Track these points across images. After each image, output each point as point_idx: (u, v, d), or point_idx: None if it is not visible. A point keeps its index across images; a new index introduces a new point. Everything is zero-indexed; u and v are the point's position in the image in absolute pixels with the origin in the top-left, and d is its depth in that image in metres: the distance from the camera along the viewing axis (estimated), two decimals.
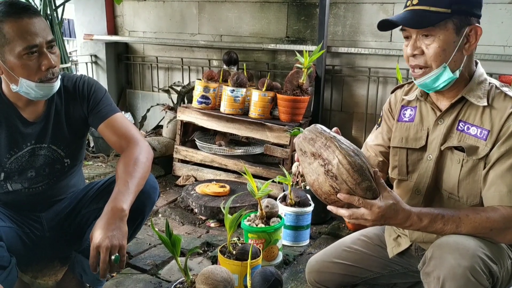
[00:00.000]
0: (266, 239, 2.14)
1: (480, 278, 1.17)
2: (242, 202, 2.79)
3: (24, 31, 1.47)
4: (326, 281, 1.63)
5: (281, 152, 3.11)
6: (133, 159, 1.63)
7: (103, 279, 1.50)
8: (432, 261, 1.24)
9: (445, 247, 1.23)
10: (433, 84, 1.36)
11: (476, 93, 1.36)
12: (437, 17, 1.28)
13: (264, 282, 1.55)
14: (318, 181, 1.25)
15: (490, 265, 1.20)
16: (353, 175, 1.20)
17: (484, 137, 1.33)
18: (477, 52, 2.87)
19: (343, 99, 3.58)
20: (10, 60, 1.50)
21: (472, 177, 1.36)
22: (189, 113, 3.41)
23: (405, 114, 1.55)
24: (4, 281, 1.52)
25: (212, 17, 4.01)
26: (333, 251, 1.68)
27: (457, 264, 1.17)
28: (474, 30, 1.32)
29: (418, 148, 1.49)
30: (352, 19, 3.40)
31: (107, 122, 1.75)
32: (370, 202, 1.22)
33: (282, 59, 3.79)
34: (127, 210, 1.51)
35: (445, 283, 1.19)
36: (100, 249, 1.41)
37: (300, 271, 2.20)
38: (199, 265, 2.25)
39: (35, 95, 1.58)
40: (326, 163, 1.22)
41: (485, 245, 1.23)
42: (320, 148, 1.25)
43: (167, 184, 3.42)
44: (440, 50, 1.31)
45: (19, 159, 1.69)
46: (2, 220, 1.64)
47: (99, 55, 4.45)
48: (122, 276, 2.12)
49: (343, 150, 1.22)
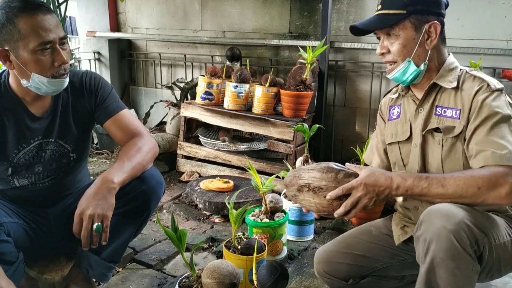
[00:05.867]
0: (271, 234, 2.14)
1: (464, 243, 1.20)
2: (246, 197, 2.80)
3: (38, 27, 1.49)
4: (335, 272, 1.64)
5: (284, 148, 3.11)
6: (136, 146, 1.68)
7: (85, 248, 1.50)
8: (422, 225, 1.29)
9: (435, 212, 1.28)
10: (402, 77, 1.50)
11: (447, 78, 1.48)
12: (394, 19, 1.45)
13: (270, 276, 1.55)
14: (316, 203, 1.42)
15: (477, 234, 1.22)
16: (327, 174, 1.40)
17: (458, 117, 1.43)
18: (480, 47, 2.96)
19: (346, 94, 3.58)
20: (24, 56, 1.51)
21: (453, 154, 1.45)
22: (193, 109, 3.41)
23: (393, 113, 1.67)
24: (12, 276, 1.53)
25: (215, 13, 4.01)
26: (342, 242, 1.70)
27: (442, 227, 1.22)
28: (434, 27, 1.45)
29: (406, 140, 1.59)
30: (355, 14, 3.40)
31: (114, 119, 1.77)
32: (349, 183, 1.37)
33: (285, 54, 3.78)
34: (117, 184, 1.54)
35: (430, 245, 1.24)
36: (83, 216, 1.44)
37: (304, 265, 2.21)
38: (204, 260, 2.26)
39: (45, 90, 1.59)
40: (308, 186, 1.42)
41: (476, 216, 1.26)
42: (297, 182, 1.45)
43: (171, 180, 3.43)
44: (401, 46, 1.47)
45: (27, 154, 1.70)
46: (10, 216, 1.65)
47: (102, 52, 4.45)
48: (128, 271, 2.13)
49: (308, 168, 1.46)
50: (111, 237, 1.65)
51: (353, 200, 1.37)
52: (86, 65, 4.43)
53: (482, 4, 2.98)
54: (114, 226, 1.63)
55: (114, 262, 1.77)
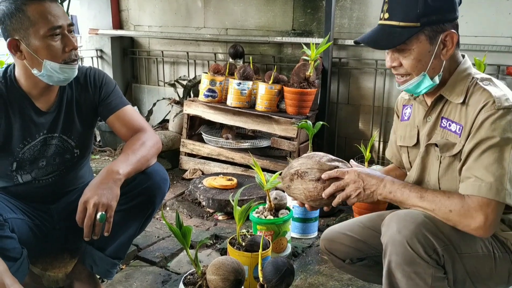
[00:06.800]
0: (275, 231, 2.14)
1: (417, 249, 1.23)
2: (249, 194, 2.79)
3: (47, 13, 1.52)
4: (334, 250, 1.68)
5: (288, 145, 3.10)
6: (140, 141, 1.69)
7: (86, 238, 1.50)
8: (383, 227, 1.34)
9: (395, 216, 1.31)
10: (416, 89, 1.40)
11: (455, 90, 1.37)
12: (406, 33, 1.31)
13: (276, 272, 1.54)
14: (303, 188, 1.46)
15: (435, 242, 1.24)
16: (312, 159, 1.47)
17: (460, 133, 1.34)
18: (484, 44, 2.95)
19: (350, 91, 3.56)
20: (35, 43, 1.52)
21: (450, 174, 1.38)
22: (196, 106, 3.40)
23: (405, 113, 1.61)
24: (16, 272, 1.52)
25: (218, 10, 4.00)
26: (348, 224, 1.73)
27: (397, 232, 1.26)
28: (450, 36, 1.33)
29: (413, 146, 1.55)
30: (358, 11, 3.38)
31: (118, 114, 1.78)
32: (346, 168, 1.43)
33: (288, 52, 3.77)
34: (123, 176, 1.55)
35: (386, 248, 1.29)
36: (88, 204, 1.44)
37: (309, 262, 2.20)
38: (208, 257, 2.25)
39: (57, 78, 1.59)
40: (297, 173, 1.47)
41: (439, 226, 1.27)
42: (289, 172, 1.51)
43: (174, 178, 3.42)
44: (415, 61, 1.35)
45: (32, 148, 1.70)
46: (14, 212, 1.64)
47: (104, 50, 4.45)
48: (131, 268, 2.13)
49: (296, 159, 1.54)
50: (116, 234, 1.66)
51: (342, 183, 1.40)
52: (89, 62, 4.42)
53: (486, 1, 2.96)
54: (118, 222, 1.63)
55: (119, 258, 1.76)
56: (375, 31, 1.39)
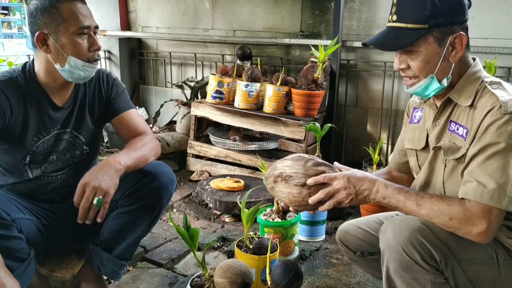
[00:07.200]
0: (283, 233, 2.12)
1: (414, 256, 1.22)
2: (257, 197, 2.77)
3: (79, 12, 1.61)
4: (348, 242, 1.67)
5: (295, 147, 3.08)
6: (142, 141, 1.76)
7: (80, 221, 1.53)
8: (380, 234, 1.33)
9: (392, 222, 1.30)
10: (424, 92, 1.39)
11: (464, 93, 1.35)
12: (414, 34, 1.30)
13: (284, 275, 1.53)
14: (288, 192, 1.41)
15: (432, 248, 1.23)
16: (297, 162, 1.41)
17: (465, 137, 1.32)
18: (495, 46, 2.92)
19: (358, 94, 3.54)
20: (63, 39, 1.60)
21: (454, 177, 1.36)
22: (203, 108, 3.40)
23: (415, 116, 1.59)
24: (23, 273, 1.52)
25: (226, 12, 3.99)
26: (365, 219, 1.72)
27: (392, 238, 1.26)
28: (459, 38, 1.32)
29: (421, 149, 1.52)
30: (367, 13, 3.36)
31: (123, 116, 1.85)
32: (333, 174, 1.38)
33: (296, 54, 3.76)
34: (124, 167, 1.60)
35: (384, 255, 1.29)
36: (87, 186, 1.46)
37: (317, 266, 2.18)
38: (215, 260, 2.24)
39: (77, 75, 1.65)
40: (281, 176, 1.42)
41: (437, 231, 1.25)
42: (273, 173, 1.46)
43: (181, 179, 3.41)
44: (423, 63, 1.33)
45: (45, 143, 1.74)
46: (22, 213, 1.64)
47: (112, 51, 4.45)
48: (138, 270, 2.12)
49: (283, 159, 1.47)
50: (123, 234, 1.67)
51: (332, 190, 1.36)
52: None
53: (497, 3, 2.94)
54: (126, 223, 1.65)
55: (126, 259, 1.76)
56: (383, 33, 1.39)
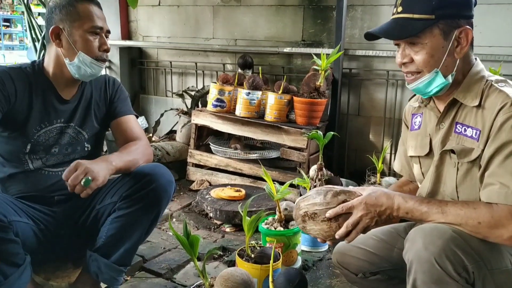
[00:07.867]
0: (285, 243, 2.07)
1: (446, 267, 1.14)
2: (258, 206, 2.72)
3: (94, 13, 1.71)
4: (347, 264, 1.62)
5: (298, 156, 3.04)
6: (135, 146, 1.79)
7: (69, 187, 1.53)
8: (407, 243, 1.24)
9: (421, 231, 1.22)
10: (426, 89, 1.35)
11: (470, 93, 1.32)
12: (420, 25, 1.27)
13: (288, 283, 1.48)
14: (319, 229, 1.38)
15: (465, 259, 1.15)
16: (316, 199, 1.37)
17: (477, 138, 1.28)
18: (499, 54, 2.88)
19: (361, 102, 3.51)
20: (76, 35, 1.68)
21: (469, 181, 1.31)
22: (204, 116, 3.36)
23: (415, 123, 1.54)
24: (18, 280, 1.48)
25: (227, 21, 3.98)
26: (361, 237, 1.65)
27: (424, 248, 1.17)
28: (465, 33, 1.29)
29: (425, 155, 1.47)
30: (369, 22, 3.34)
31: (121, 120, 1.89)
32: (350, 202, 1.32)
33: (298, 62, 3.73)
34: (115, 167, 1.63)
35: (412, 265, 1.20)
36: (79, 165, 1.50)
37: (320, 277, 2.13)
38: (215, 270, 2.18)
39: (84, 71, 1.71)
40: (307, 214, 1.38)
41: (468, 240, 1.18)
42: (299, 213, 1.42)
43: (181, 189, 3.36)
44: (428, 56, 1.30)
45: (47, 133, 1.76)
46: (19, 215, 1.61)
47: (113, 60, 4.43)
48: (136, 280, 2.07)
49: (304, 197, 1.43)
50: (121, 239, 1.66)
51: (354, 220, 1.31)
52: None
53: (501, 10, 2.92)
54: (124, 227, 1.64)
55: (125, 265, 1.73)
56: (388, 23, 1.35)
